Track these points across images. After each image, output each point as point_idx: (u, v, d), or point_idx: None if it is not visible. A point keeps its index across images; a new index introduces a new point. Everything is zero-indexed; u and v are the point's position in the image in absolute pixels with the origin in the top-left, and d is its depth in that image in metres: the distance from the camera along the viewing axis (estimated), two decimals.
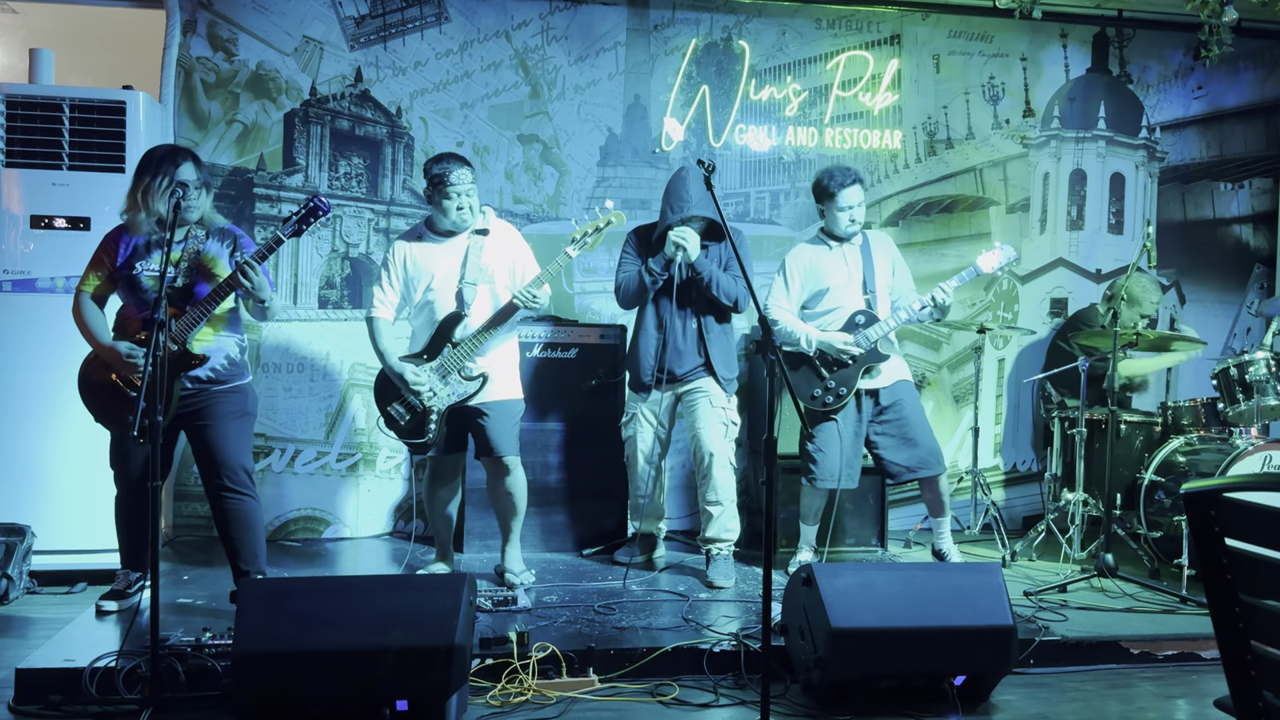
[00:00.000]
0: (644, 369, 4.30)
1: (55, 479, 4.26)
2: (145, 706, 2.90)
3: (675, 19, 5.38)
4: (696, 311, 4.27)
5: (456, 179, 3.87)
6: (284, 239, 3.53)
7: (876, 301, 4.32)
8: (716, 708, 3.14)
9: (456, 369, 3.91)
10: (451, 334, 3.91)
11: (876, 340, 4.23)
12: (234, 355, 3.69)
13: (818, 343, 4.25)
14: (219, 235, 3.66)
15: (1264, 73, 6.00)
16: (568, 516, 4.82)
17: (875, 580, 3.17)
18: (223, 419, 3.64)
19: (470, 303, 3.95)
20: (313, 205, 3.54)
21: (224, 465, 3.63)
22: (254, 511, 3.70)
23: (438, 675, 2.77)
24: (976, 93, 5.69)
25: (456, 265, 3.96)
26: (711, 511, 4.31)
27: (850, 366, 4.23)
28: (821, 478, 4.29)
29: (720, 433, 4.25)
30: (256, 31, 4.99)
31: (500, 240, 4.05)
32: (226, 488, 3.63)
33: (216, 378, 3.63)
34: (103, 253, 3.63)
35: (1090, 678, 3.51)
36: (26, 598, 4.12)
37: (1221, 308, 6.04)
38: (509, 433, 4.02)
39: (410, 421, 3.94)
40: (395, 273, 4.00)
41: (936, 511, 4.44)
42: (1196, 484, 1.64)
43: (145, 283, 3.55)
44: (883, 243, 4.47)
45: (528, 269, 4.03)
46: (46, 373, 4.23)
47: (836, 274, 4.33)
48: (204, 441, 3.64)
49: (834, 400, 4.25)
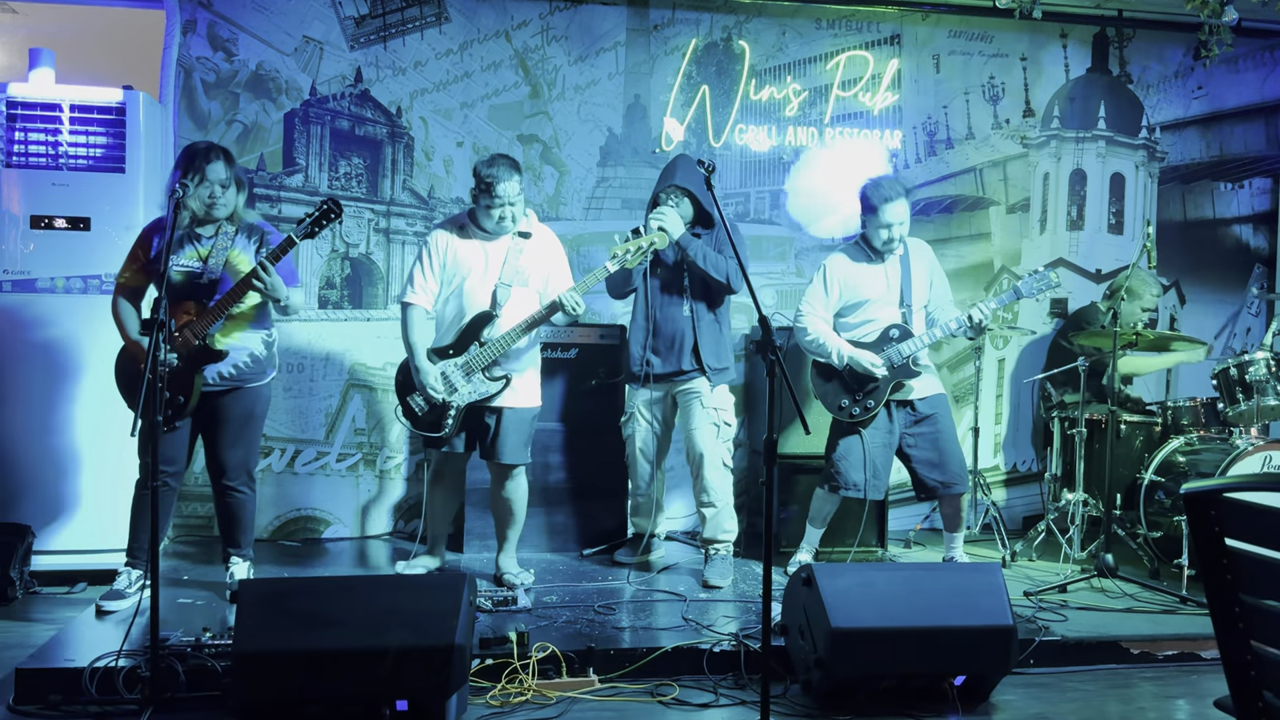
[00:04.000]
0: (634, 359, 4.31)
1: (55, 479, 4.26)
2: (145, 706, 2.91)
3: (675, 19, 5.38)
4: (688, 299, 4.26)
5: (503, 191, 3.83)
6: (296, 240, 3.60)
7: (912, 316, 4.27)
8: (716, 708, 3.14)
9: (481, 368, 3.90)
10: (480, 333, 3.90)
11: (909, 356, 4.19)
12: (258, 352, 3.78)
13: (848, 358, 4.21)
14: (247, 231, 3.75)
15: (1264, 73, 6.00)
16: (568, 516, 4.82)
17: (875, 580, 3.17)
18: (236, 421, 3.78)
19: (503, 303, 3.93)
20: (326, 208, 3.59)
21: (231, 465, 3.80)
22: (251, 505, 3.92)
23: (438, 675, 2.77)
24: (976, 93, 5.69)
25: (496, 264, 3.94)
26: (705, 513, 4.31)
27: (879, 383, 4.22)
28: (844, 486, 4.26)
29: (712, 434, 4.25)
30: (256, 31, 4.98)
31: (541, 246, 4.03)
32: (229, 487, 3.82)
33: (238, 375, 3.74)
34: (139, 247, 3.74)
35: (1090, 678, 3.51)
36: (26, 598, 4.12)
37: (1221, 308, 6.04)
38: (520, 441, 4.00)
39: (429, 414, 3.93)
40: (437, 261, 3.97)
41: (953, 527, 4.39)
42: (1196, 484, 1.64)
43: (175, 277, 3.63)
44: (922, 254, 4.39)
45: (562, 278, 4.02)
46: (46, 372, 4.23)
47: (874, 286, 4.27)
48: (216, 440, 3.79)
49: (861, 413, 4.22)
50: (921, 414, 4.27)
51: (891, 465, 4.35)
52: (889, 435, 4.27)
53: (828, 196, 5.49)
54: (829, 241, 5.44)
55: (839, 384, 4.26)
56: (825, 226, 5.52)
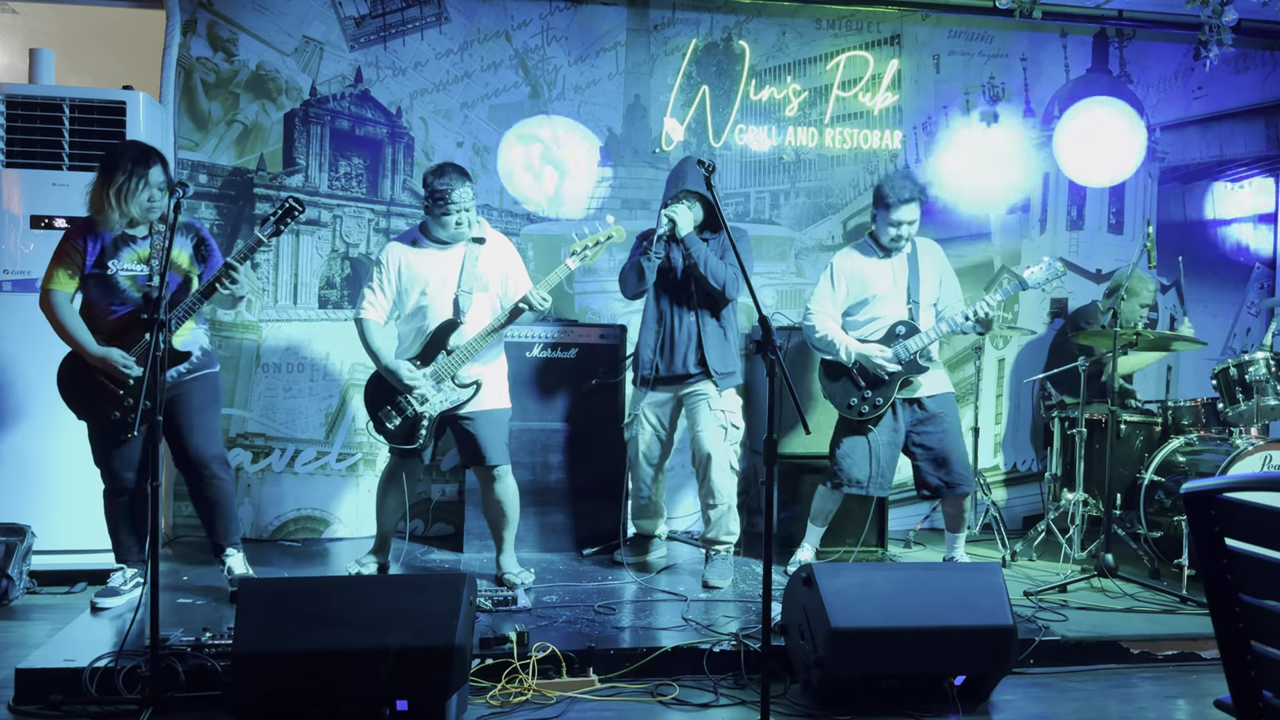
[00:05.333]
0: (643, 362, 4.32)
1: (55, 479, 4.26)
2: (145, 706, 2.91)
3: (675, 19, 5.38)
4: (694, 307, 4.27)
5: (458, 197, 3.89)
6: (264, 240, 3.63)
7: (919, 312, 4.28)
8: (716, 708, 3.14)
9: (450, 375, 3.92)
10: (446, 341, 3.92)
11: (916, 352, 4.20)
12: (205, 345, 3.86)
13: (856, 354, 4.22)
14: (182, 231, 3.75)
15: (1264, 73, 6.00)
16: (567, 517, 4.82)
17: (875, 580, 3.17)
18: (198, 408, 3.80)
19: (466, 310, 3.96)
20: (289, 205, 3.63)
21: (200, 449, 3.80)
22: (228, 490, 3.91)
23: (438, 675, 2.77)
24: (976, 93, 5.69)
25: (453, 273, 3.98)
26: (710, 514, 4.32)
27: (887, 380, 4.22)
28: (846, 483, 4.27)
29: (719, 436, 4.25)
30: (256, 31, 4.99)
31: (496, 250, 4.08)
32: (210, 475, 3.81)
33: (191, 368, 3.78)
34: (71, 251, 3.66)
35: (1090, 678, 3.51)
36: (26, 598, 4.12)
37: (1221, 308, 6.04)
38: (499, 441, 4.04)
39: (401, 426, 3.94)
40: (389, 277, 4.00)
41: (955, 527, 4.40)
42: (1196, 484, 1.64)
43: (122, 282, 3.63)
44: (932, 252, 4.40)
45: (520, 280, 4.07)
46: (46, 372, 4.21)
47: (882, 283, 4.29)
48: (181, 431, 3.78)
49: (870, 410, 4.23)
50: (929, 412, 4.27)
51: (897, 463, 4.35)
52: (894, 433, 4.27)
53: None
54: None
55: (847, 382, 4.27)
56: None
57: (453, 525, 5.11)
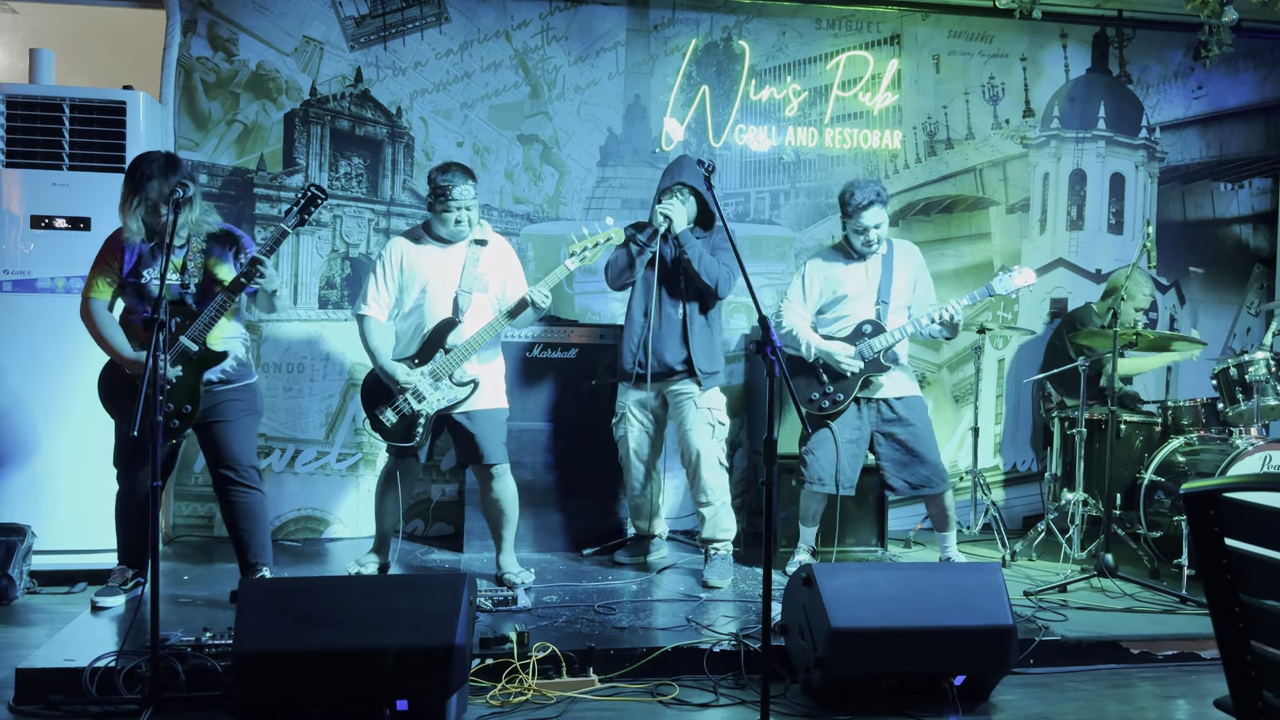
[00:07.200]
0: (626, 356, 4.32)
1: (55, 479, 4.26)
2: (145, 706, 2.91)
3: (675, 19, 5.38)
4: (682, 301, 4.27)
5: (460, 194, 3.91)
6: (289, 230, 3.60)
7: (888, 312, 4.29)
8: (716, 708, 3.14)
9: (448, 374, 3.92)
10: (445, 340, 3.92)
11: (880, 351, 4.22)
12: (240, 355, 3.78)
13: (817, 351, 4.25)
14: (221, 241, 3.73)
15: (1264, 73, 6.00)
16: (567, 517, 4.82)
17: (875, 580, 3.17)
18: (233, 418, 3.75)
19: (465, 310, 3.96)
20: (311, 194, 3.61)
21: (235, 461, 3.76)
22: (262, 505, 3.84)
23: (438, 675, 2.77)
24: (976, 93, 5.69)
25: (454, 272, 3.98)
26: (704, 513, 4.32)
27: (849, 377, 4.23)
28: (810, 480, 4.29)
29: (707, 433, 4.25)
30: (256, 31, 4.99)
31: (496, 252, 4.09)
32: (237, 483, 3.77)
33: (226, 378, 3.72)
34: (110, 259, 3.68)
35: (1090, 678, 3.51)
36: (26, 598, 4.12)
37: (1221, 308, 6.04)
38: (497, 440, 4.04)
39: (398, 425, 3.94)
40: (391, 273, 4.01)
41: (941, 526, 4.40)
42: (1196, 484, 1.64)
43: (154, 290, 3.59)
44: (908, 255, 4.42)
45: (517, 285, 4.08)
46: (47, 373, 4.23)
47: (854, 283, 4.32)
48: (215, 439, 3.75)
49: (830, 406, 4.25)
50: (897, 415, 4.28)
51: (861, 462, 4.35)
52: (858, 431, 4.29)
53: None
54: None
55: (809, 377, 4.28)
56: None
57: (453, 525, 5.11)
